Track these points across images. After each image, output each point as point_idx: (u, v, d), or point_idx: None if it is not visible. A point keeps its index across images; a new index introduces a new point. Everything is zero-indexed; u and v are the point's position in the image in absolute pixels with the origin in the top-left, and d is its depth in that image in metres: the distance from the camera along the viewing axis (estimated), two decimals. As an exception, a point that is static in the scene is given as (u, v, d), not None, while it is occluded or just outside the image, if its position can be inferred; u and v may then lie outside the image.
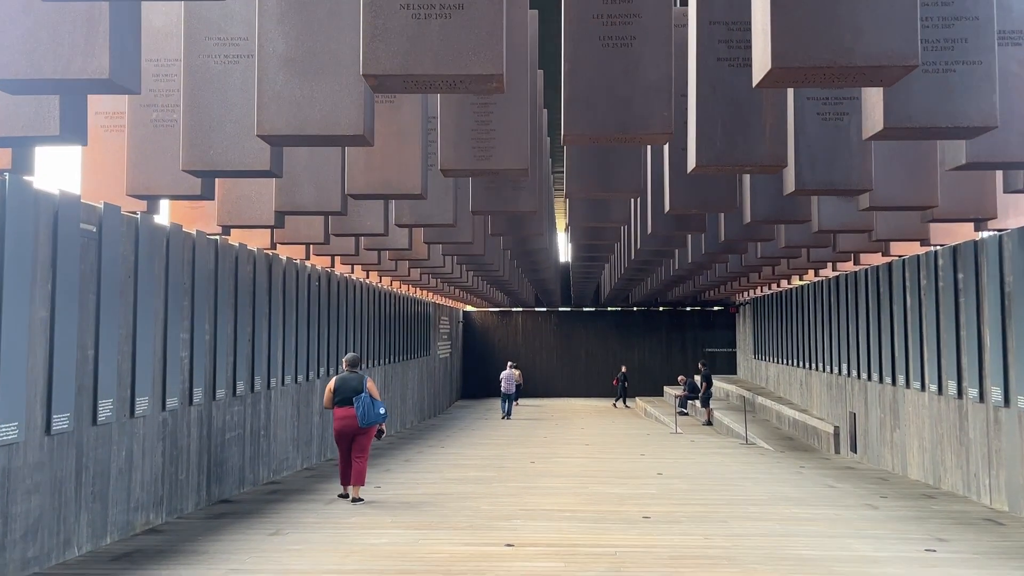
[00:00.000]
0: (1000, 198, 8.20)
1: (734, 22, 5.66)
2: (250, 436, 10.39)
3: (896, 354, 12.33)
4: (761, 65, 4.04)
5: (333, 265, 13.86)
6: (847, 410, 15.02)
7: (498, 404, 26.27)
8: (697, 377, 23.92)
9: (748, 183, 8.19)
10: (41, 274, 6.28)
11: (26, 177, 6.01)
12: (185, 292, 8.64)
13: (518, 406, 26.52)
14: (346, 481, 9.23)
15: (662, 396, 30.29)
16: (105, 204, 7.11)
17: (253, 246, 10.43)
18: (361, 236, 10.40)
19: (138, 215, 7.67)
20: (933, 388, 10.97)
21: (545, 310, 33.76)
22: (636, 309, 33.24)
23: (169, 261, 8.26)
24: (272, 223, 8.05)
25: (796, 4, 3.95)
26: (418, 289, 21.85)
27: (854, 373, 14.54)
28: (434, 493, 9.78)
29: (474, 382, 32.94)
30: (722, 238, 10.38)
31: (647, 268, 18.13)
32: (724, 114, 5.70)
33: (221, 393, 9.45)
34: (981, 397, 9.60)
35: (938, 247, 10.83)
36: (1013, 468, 8.88)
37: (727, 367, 30.94)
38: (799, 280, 18.90)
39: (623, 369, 29.82)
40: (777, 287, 21.20)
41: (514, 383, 24.59)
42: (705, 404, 22.64)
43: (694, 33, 5.78)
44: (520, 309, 33.63)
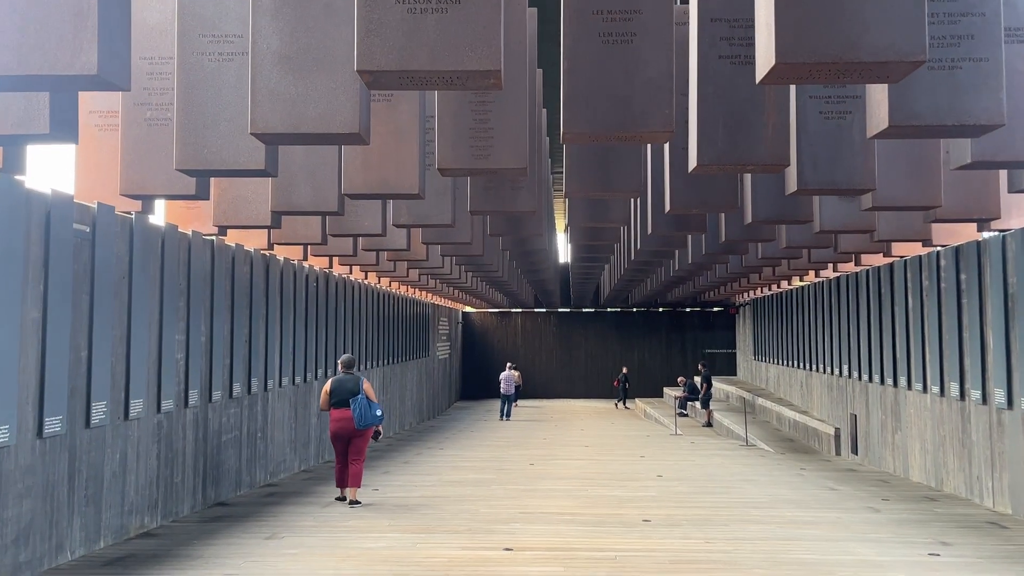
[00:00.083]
0: (1004, 198, 8.13)
1: (736, 19, 5.58)
2: (247, 438, 10.31)
3: (898, 355, 12.25)
4: (765, 61, 3.94)
5: (331, 266, 13.78)
6: (848, 412, 14.94)
7: (497, 405, 26.19)
8: (697, 378, 23.84)
9: (749, 183, 8.11)
10: (33, 274, 6.19)
11: (17, 176, 5.93)
12: (181, 293, 8.56)
13: (517, 407, 26.45)
14: (342, 484, 9.14)
15: (662, 397, 30.21)
16: (99, 204, 7.02)
17: (250, 247, 10.35)
18: (359, 236, 10.34)
19: (132, 215, 7.59)
20: (935, 390, 10.88)
21: (544, 311, 33.69)
22: (636, 310, 33.18)
23: (164, 262, 8.17)
24: (269, 223, 8.00)
25: (801, -2, 3.86)
26: (417, 290, 21.78)
27: (855, 374, 14.46)
28: (432, 496, 9.69)
29: (473, 383, 32.87)
30: (722, 238, 10.30)
31: (647, 269, 18.05)
32: (726, 113, 5.62)
33: (217, 395, 9.36)
34: (984, 399, 9.52)
35: (940, 248, 10.75)
36: (1016, 471, 8.80)
37: (727, 368, 30.87)
38: (799, 281, 18.82)
39: (624, 370, 29.76)
40: (777, 288, 21.13)
41: (513, 384, 24.52)
42: (705, 405, 22.56)
43: (695, 30, 5.69)
44: (519, 310, 33.57)
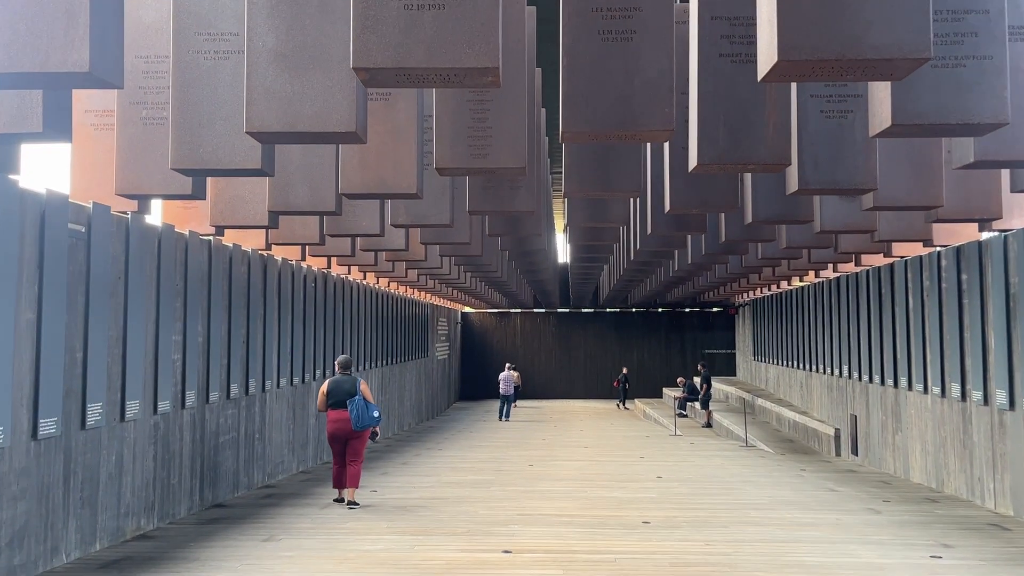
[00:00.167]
0: (1005, 197, 8.08)
1: (736, 17, 5.52)
2: (244, 439, 10.25)
3: (898, 356, 12.20)
4: (767, 58, 3.89)
5: (329, 266, 13.72)
6: (848, 412, 14.89)
7: (496, 406, 26.13)
8: (697, 379, 23.79)
9: (749, 183, 8.06)
10: (28, 275, 6.14)
11: (12, 176, 5.87)
12: (177, 293, 8.50)
13: (516, 408, 26.39)
14: (340, 485, 9.09)
15: (661, 398, 30.16)
16: (94, 204, 6.97)
17: (248, 247, 10.30)
18: (357, 237, 10.28)
19: (128, 215, 7.53)
20: (936, 390, 10.83)
21: (544, 311, 33.63)
22: (635, 310, 33.12)
23: (161, 262, 8.12)
24: (266, 223, 7.94)
25: (803, -5, 3.80)
26: (416, 290, 21.72)
27: (855, 375, 14.41)
28: (431, 497, 9.64)
29: (472, 384, 32.80)
30: (722, 238, 10.25)
31: (646, 269, 17.99)
32: (726, 111, 5.57)
33: (215, 396, 9.31)
34: (985, 400, 9.47)
35: (941, 248, 10.70)
36: (1018, 472, 8.75)
37: (726, 369, 30.82)
38: (799, 281, 18.77)
39: (624, 371, 29.71)
40: (777, 288, 21.08)
41: (512, 385, 24.46)
42: (705, 406, 22.51)
43: (695, 29, 5.64)
44: (519, 310, 33.51)
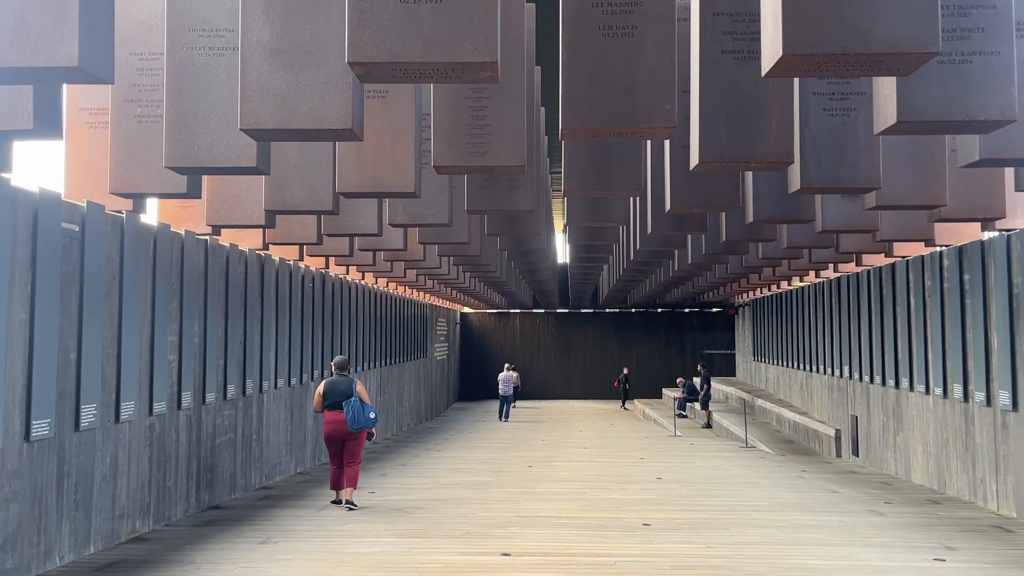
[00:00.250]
0: (1009, 197, 8.01)
1: (739, 13, 5.44)
2: (241, 440, 10.17)
3: (899, 356, 12.13)
4: (771, 53, 3.80)
5: (327, 266, 13.65)
6: (849, 413, 14.82)
7: (495, 406, 26.06)
8: (696, 379, 23.72)
9: (751, 182, 7.98)
10: (20, 275, 6.06)
11: (3, 174, 5.78)
12: (173, 293, 8.42)
13: (516, 408, 26.31)
14: (337, 486, 9.01)
15: (660, 398, 30.09)
16: (88, 203, 6.88)
17: (245, 247, 10.22)
18: (355, 236, 10.20)
19: (123, 214, 7.45)
20: (938, 391, 10.76)
21: (543, 311, 33.55)
22: (634, 311, 33.05)
23: (156, 262, 8.04)
24: (263, 223, 7.87)
25: (808, -13, 3.72)
26: (414, 290, 21.64)
27: (856, 375, 14.34)
28: (430, 499, 9.56)
29: (471, 384, 32.73)
30: (723, 238, 10.17)
31: (646, 269, 17.92)
32: (728, 109, 5.49)
33: (211, 397, 9.22)
34: (988, 401, 9.39)
35: (943, 248, 10.63)
36: (1021, 474, 8.68)
37: (726, 369, 30.76)
38: (799, 281, 18.70)
39: (624, 371, 29.63)
40: (777, 288, 21.01)
41: (512, 385, 24.39)
42: (704, 406, 22.44)
43: (697, 25, 5.56)
44: (518, 311, 33.43)
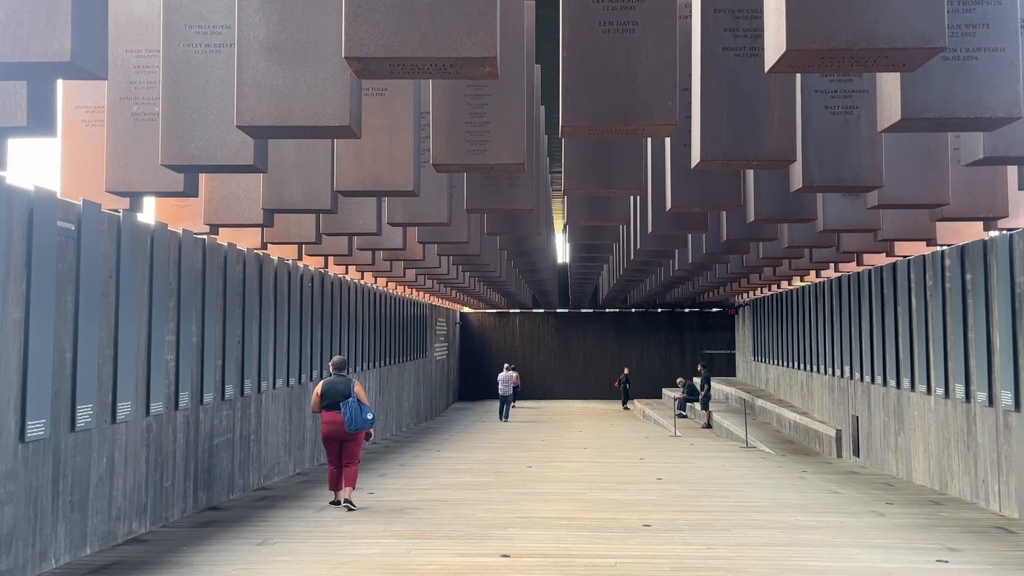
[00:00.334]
0: (1012, 195, 7.95)
1: (740, 9, 5.38)
2: (240, 441, 10.11)
3: (901, 356, 12.08)
4: (775, 47, 3.75)
5: (326, 266, 13.59)
6: (849, 413, 14.77)
7: (495, 406, 26.00)
8: (696, 379, 23.66)
9: (752, 180, 7.92)
10: (15, 274, 6.00)
11: (-2, 172, 5.73)
12: (171, 293, 8.36)
13: (515, 408, 26.27)
14: (336, 487, 8.95)
15: (660, 398, 30.04)
16: (84, 201, 6.83)
17: (243, 246, 10.16)
18: (354, 235, 10.14)
19: (120, 213, 7.39)
20: (940, 391, 10.71)
21: (543, 311, 33.50)
22: (634, 311, 33.00)
23: (154, 261, 7.98)
24: (261, 222, 7.81)
25: (812, -18, 3.66)
26: (414, 290, 21.59)
27: (857, 375, 14.28)
28: (429, 499, 9.50)
29: (471, 384, 32.68)
30: (724, 237, 10.11)
31: (646, 269, 17.86)
32: (730, 106, 5.43)
33: (209, 397, 9.17)
34: (990, 401, 9.34)
35: (945, 247, 10.57)
36: (1023, 475, 8.64)
37: (726, 369, 30.72)
38: (800, 281, 18.64)
39: (625, 371, 29.58)
40: (777, 288, 20.95)
41: (511, 385, 24.34)
42: (705, 407, 22.39)
43: (698, 21, 5.51)
44: (518, 310, 33.38)
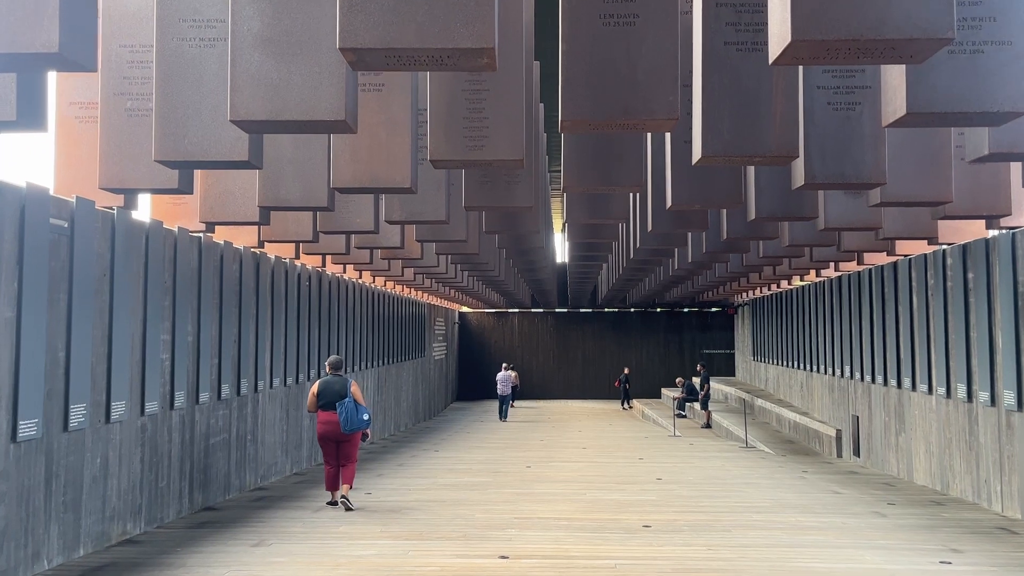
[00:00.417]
0: (1015, 193, 7.87)
1: (742, 4, 5.29)
2: (236, 441, 10.03)
3: (902, 356, 12.01)
4: (779, 39, 3.67)
5: (324, 264, 13.51)
6: (850, 413, 14.70)
7: (494, 406, 25.93)
8: (696, 379, 23.60)
9: (753, 178, 7.85)
10: (7, 271, 5.92)
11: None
12: (166, 291, 8.29)
13: (514, 408, 26.20)
14: (333, 487, 8.88)
15: (659, 398, 29.98)
16: (77, 198, 6.75)
17: (239, 244, 10.08)
18: (351, 233, 10.05)
19: (114, 210, 7.31)
20: (941, 391, 10.64)
21: (542, 311, 33.43)
22: (633, 310, 32.93)
23: (148, 259, 7.90)
24: (257, 219, 7.72)
25: (817, -28, 3.58)
26: (412, 289, 21.51)
27: (857, 375, 14.22)
28: (427, 500, 9.43)
29: (470, 384, 32.61)
30: (724, 236, 10.03)
31: (646, 268, 17.78)
32: (732, 102, 5.35)
33: (205, 397, 9.08)
34: (992, 401, 9.27)
35: (947, 246, 10.50)
36: (1027, 474, 8.56)
37: (726, 369, 30.67)
38: (800, 280, 18.57)
39: (625, 371, 29.52)
40: (777, 288, 20.88)
41: (510, 385, 24.28)
42: (704, 406, 22.33)
43: (700, 16, 5.42)
44: (516, 310, 33.31)
